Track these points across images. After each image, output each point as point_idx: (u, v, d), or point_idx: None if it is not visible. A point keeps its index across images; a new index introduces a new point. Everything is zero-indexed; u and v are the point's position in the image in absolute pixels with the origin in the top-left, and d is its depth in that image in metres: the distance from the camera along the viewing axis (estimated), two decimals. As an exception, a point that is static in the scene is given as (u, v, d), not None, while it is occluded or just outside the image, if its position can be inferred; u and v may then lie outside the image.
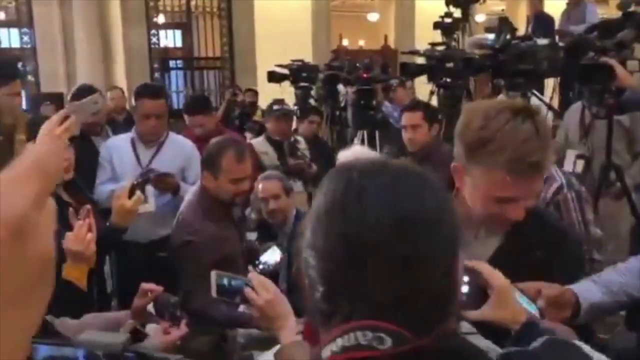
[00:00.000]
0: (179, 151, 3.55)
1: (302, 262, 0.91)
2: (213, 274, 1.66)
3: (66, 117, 2.20)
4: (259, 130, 6.89)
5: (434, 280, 0.83)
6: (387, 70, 5.72)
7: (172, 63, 10.71)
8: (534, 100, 3.98)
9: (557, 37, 7.11)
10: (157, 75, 10.10)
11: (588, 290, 1.56)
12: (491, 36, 6.46)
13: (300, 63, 6.38)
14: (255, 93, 7.66)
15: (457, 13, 7.02)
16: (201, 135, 3.99)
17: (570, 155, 3.97)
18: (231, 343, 2.91)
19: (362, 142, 4.75)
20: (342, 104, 5.52)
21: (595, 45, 3.17)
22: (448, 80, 4.34)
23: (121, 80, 9.68)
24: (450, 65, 4.29)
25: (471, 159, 1.47)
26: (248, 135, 6.40)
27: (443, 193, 0.91)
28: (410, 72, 4.53)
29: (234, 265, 2.83)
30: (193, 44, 10.68)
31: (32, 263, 0.33)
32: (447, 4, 6.15)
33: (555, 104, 5.14)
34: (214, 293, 1.65)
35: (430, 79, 4.43)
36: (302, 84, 6.29)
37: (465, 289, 1.23)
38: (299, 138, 4.53)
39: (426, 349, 0.80)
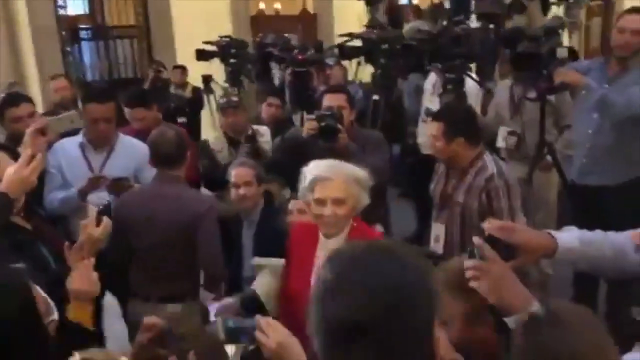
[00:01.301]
0: (131, 154, 3.49)
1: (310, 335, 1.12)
2: (219, 319, 1.73)
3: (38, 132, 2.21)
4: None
5: (408, 351, 1.04)
6: (322, 49, 5.76)
7: (82, 34, 10.14)
8: (469, 81, 4.20)
9: (472, 3, 7.37)
10: (67, 48, 9.59)
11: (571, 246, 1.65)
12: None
13: (228, 39, 6.30)
14: (184, 70, 7.35)
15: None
16: (140, 128, 3.91)
17: (502, 132, 4.25)
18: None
19: (301, 122, 4.78)
20: (277, 83, 5.52)
21: (527, 34, 3.38)
22: (383, 61, 4.45)
23: (29, 56, 9.15)
24: (385, 46, 4.41)
25: None
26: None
27: (418, 272, 1.09)
28: (348, 54, 4.62)
29: None
30: (104, 11, 10.15)
31: None
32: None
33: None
34: (222, 336, 1.71)
35: (367, 61, 4.54)
36: (232, 60, 6.25)
37: None
38: (261, 129, 4.28)
39: None
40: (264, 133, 4.20)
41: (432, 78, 4.89)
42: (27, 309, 1.29)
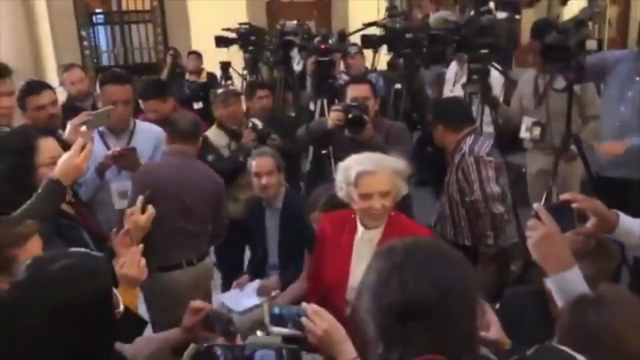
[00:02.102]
0: (149, 137, 3.49)
1: (361, 320, 1.24)
2: (266, 305, 1.79)
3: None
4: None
5: (460, 329, 1.19)
6: (345, 39, 5.74)
7: (99, 18, 10.14)
8: (493, 71, 4.18)
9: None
10: (83, 33, 9.62)
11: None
12: None
13: (247, 27, 6.31)
14: (199, 56, 7.33)
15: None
16: (156, 120, 3.86)
17: (526, 122, 4.25)
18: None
19: (322, 109, 4.80)
20: (298, 70, 5.53)
21: (557, 26, 3.38)
22: (407, 50, 4.45)
23: (46, 41, 9.19)
24: (409, 35, 4.41)
25: None
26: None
27: (462, 261, 1.26)
28: (371, 43, 4.62)
29: None
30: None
31: None
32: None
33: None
34: (267, 322, 1.76)
35: (390, 50, 4.54)
36: (250, 47, 6.27)
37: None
38: (255, 121, 4.28)
39: None
40: (259, 124, 4.26)
41: (454, 67, 4.89)
42: (103, 295, 1.33)
